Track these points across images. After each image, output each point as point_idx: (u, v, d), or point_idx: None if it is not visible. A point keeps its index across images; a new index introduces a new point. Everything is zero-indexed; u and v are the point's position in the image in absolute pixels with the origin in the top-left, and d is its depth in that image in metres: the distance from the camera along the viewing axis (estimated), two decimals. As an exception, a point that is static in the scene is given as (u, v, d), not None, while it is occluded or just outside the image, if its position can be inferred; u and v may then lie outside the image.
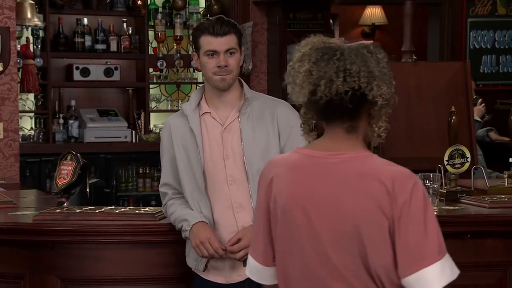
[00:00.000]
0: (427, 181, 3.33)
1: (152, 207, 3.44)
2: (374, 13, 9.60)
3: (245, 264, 2.91)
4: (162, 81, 7.39)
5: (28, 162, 6.55)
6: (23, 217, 3.44)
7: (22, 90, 5.98)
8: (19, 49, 6.27)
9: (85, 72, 6.94)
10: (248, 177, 2.93)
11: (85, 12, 7.14)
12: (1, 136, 5.45)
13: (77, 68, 6.92)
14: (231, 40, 2.93)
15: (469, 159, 3.73)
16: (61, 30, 7.00)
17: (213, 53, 2.93)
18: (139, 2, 7.03)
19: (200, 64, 2.98)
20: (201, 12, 7.49)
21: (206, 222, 2.93)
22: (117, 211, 3.29)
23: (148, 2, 7.27)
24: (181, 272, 3.13)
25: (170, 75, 7.41)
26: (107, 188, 6.34)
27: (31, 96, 6.86)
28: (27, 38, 6.59)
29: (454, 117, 3.85)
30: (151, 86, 7.32)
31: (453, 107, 3.93)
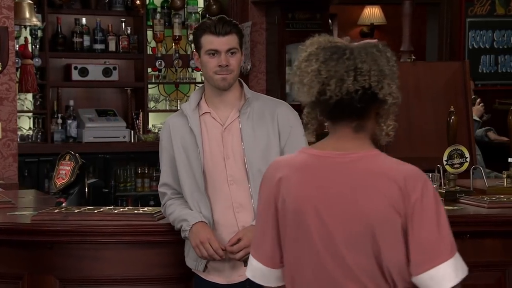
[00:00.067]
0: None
1: (150, 207, 3.43)
2: (372, 13, 9.59)
3: (246, 264, 2.91)
4: (160, 81, 7.38)
5: (26, 162, 6.54)
6: (22, 217, 3.44)
7: (21, 90, 5.96)
8: (17, 49, 6.26)
9: (83, 72, 6.93)
10: (248, 177, 2.93)
11: (84, 12, 7.13)
12: (-1, 136, 5.45)
13: (76, 68, 6.92)
14: (232, 40, 2.93)
15: (468, 159, 3.73)
16: (59, 30, 6.99)
17: (215, 52, 2.92)
18: (137, 2, 7.02)
19: (201, 63, 2.98)
20: (200, 12, 7.48)
21: (205, 222, 2.93)
22: (115, 211, 3.28)
23: (147, 2, 7.26)
24: (180, 272, 3.13)
25: (168, 75, 7.40)
26: (106, 188, 6.35)
27: (29, 96, 6.85)
28: (26, 38, 6.57)
29: (453, 117, 3.85)
30: (149, 86, 7.31)
31: (452, 107, 3.93)
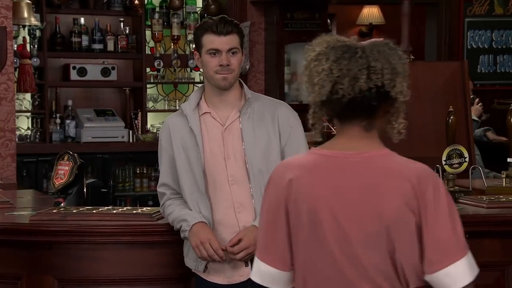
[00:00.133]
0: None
1: (149, 207, 3.43)
2: (371, 13, 9.59)
3: (247, 265, 2.92)
4: (159, 81, 7.37)
5: (25, 162, 6.53)
6: (20, 217, 3.43)
7: (19, 90, 5.95)
8: (15, 48, 6.25)
9: (82, 71, 6.93)
10: (249, 177, 2.93)
11: (82, 12, 7.12)
12: (-2, 136, 5.44)
13: (74, 67, 6.91)
14: (233, 40, 2.93)
15: (467, 159, 3.73)
16: (58, 30, 6.98)
17: (216, 51, 2.92)
18: (136, 2, 7.01)
19: (202, 62, 2.97)
20: (199, 12, 7.47)
21: (205, 222, 2.92)
22: (114, 211, 3.28)
23: (145, 2, 7.25)
24: (179, 272, 3.12)
25: (167, 75, 7.40)
26: (104, 188, 6.35)
27: (28, 96, 6.84)
28: (24, 38, 6.57)
29: (452, 117, 3.85)
30: (148, 86, 7.30)
31: (451, 107, 3.93)
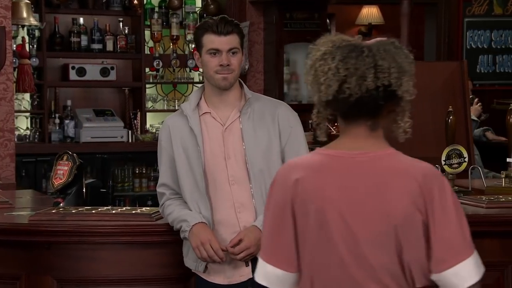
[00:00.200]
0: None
1: (148, 208, 3.42)
2: (370, 13, 9.59)
3: (247, 265, 2.92)
4: (158, 81, 7.37)
5: (24, 162, 6.53)
6: (19, 217, 3.43)
7: (18, 89, 5.95)
8: (14, 48, 6.24)
9: (81, 71, 6.92)
10: (250, 177, 2.93)
11: (81, 12, 7.12)
12: (-4, 136, 5.43)
13: (73, 67, 6.91)
14: (233, 40, 2.93)
15: (466, 159, 3.73)
16: (57, 30, 6.98)
17: (216, 51, 2.92)
18: (135, 2, 7.01)
19: (202, 62, 2.97)
20: (198, 12, 7.47)
21: (206, 223, 2.92)
22: (113, 211, 3.27)
23: (144, 2, 7.24)
24: (178, 272, 3.12)
25: (166, 75, 7.39)
26: (104, 188, 6.34)
27: (27, 96, 6.83)
28: (23, 38, 6.57)
29: (451, 117, 3.85)
30: (147, 86, 7.30)
31: (450, 107, 3.93)
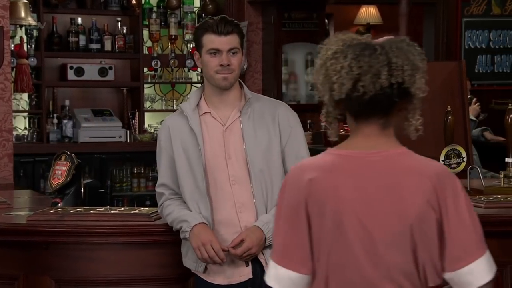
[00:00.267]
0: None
1: (147, 208, 3.42)
2: (369, 13, 9.59)
3: (247, 265, 2.92)
4: (156, 80, 7.37)
5: (22, 162, 6.52)
6: (17, 217, 3.42)
7: (16, 89, 5.95)
8: (12, 48, 6.24)
9: (79, 71, 6.92)
10: (250, 177, 2.93)
11: (79, 12, 7.12)
12: (-6, 136, 5.42)
13: (71, 67, 6.90)
14: (233, 40, 2.93)
15: (465, 159, 3.73)
16: (55, 30, 6.97)
17: (216, 51, 2.92)
18: (133, 2, 7.00)
19: (202, 62, 2.97)
20: (196, 12, 7.46)
21: (206, 223, 2.91)
22: (111, 211, 3.27)
23: (143, 2, 7.24)
24: (177, 272, 3.11)
25: (164, 74, 7.39)
26: (102, 188, 6.31)
27: (25, 95, 6.83)
28: (21, 38, 6.56)
29: (450, 117, 3.85)
30: (145, 85, 7.30)
31: (449, 107, 3.93)
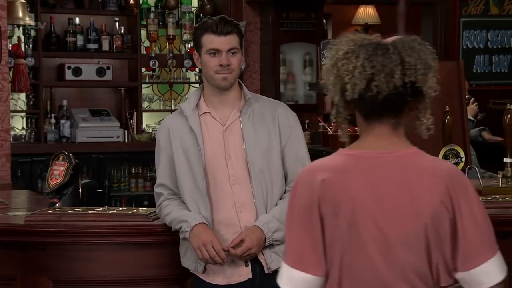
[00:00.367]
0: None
1: (145, 208, 3.42)
2: (367, 13, 9.58)
3: (247, 265, 2.92)
4: (154, 80, 7.36)
5: (19, 162, 6.51)
6: (15, 217, 3.42)
7: (14, 89, 5.93)
8: (10, 48, 6.23)
9: (77, 71, 6.91)
10: (250, 177, 2.92)
11: (77, 12, 7.11)
12: (-8, 136, 5.41)
13: (69, 67, 6.89)
14: (233, 40, 2.93)
15: (463, 159, 3.72)
16: (52, 30, 6.96)
17: (216, 51, 2.92)
18: (131, 2, 7.00)
19: (201, 63, 2.97)
20: (194, 12, 7.46)
21: (206, 223, 2.91)
22: (109, 211, 3.27)
23: (141, 2, 7.23)
24: (175, 273, 3.11)
25: (162, 74, 7.39)
26: (100, 189, 6.33)
27: (22, 95, 6.82)
28: (19, 37, 6.55)
29: (448, 117, 3.84)
30: (143, 85, 7.29)
31: (447, 107, 3.92)
